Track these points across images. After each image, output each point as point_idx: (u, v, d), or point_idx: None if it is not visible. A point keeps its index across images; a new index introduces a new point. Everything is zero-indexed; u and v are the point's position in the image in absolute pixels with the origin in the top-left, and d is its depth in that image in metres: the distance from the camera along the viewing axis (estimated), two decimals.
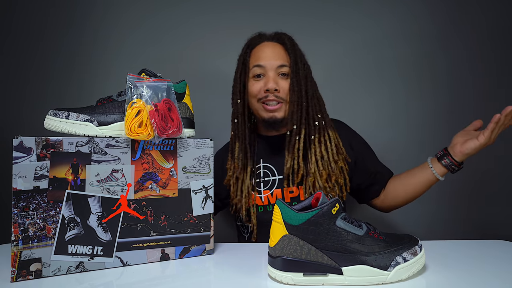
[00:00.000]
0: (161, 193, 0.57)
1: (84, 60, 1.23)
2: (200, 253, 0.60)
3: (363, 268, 0.47)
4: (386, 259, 0.47)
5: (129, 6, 1.24)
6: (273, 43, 0.84)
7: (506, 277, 0.48)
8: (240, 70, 0.85)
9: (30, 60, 1.21)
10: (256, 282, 0.48)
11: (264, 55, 0.82)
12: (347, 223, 0.48)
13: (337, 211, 0.47)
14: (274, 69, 0.81)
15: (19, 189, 0.48)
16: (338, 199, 0.48)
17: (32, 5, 1.21)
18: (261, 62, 0.81)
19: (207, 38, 1.26)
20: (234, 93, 0.86)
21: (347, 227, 0.48)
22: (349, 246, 0.47)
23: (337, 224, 0.47)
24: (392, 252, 0.48)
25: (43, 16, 1.21)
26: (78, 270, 0.51)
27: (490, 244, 0.65)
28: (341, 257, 0.47)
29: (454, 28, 1.28)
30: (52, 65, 1.22)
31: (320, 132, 0.80)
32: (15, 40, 1.21)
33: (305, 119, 0.80)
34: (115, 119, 0.56)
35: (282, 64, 0.81)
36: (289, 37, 0.85)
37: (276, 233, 0.48)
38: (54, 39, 1.22)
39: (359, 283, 0.47)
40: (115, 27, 1.24)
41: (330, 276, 0.47)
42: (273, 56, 0.81)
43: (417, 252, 0.49)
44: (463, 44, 1.28)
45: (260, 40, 0.86)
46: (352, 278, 0.47)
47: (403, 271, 0.47)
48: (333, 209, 0.47)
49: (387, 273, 0.47)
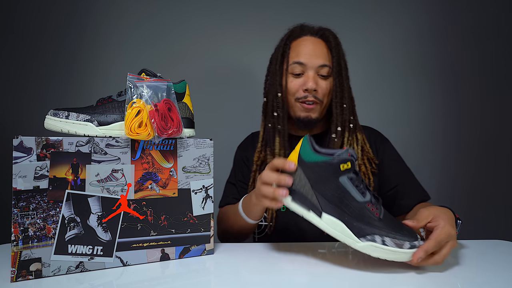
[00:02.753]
0: (161, 193, 0.57)
1: (84, 60, 1.23)
2: (200, 253, 0.60)
3: (339, 224, 0.48)
4: (365, 231, 0.48)
5: (129, 7, 1.24)
6: (315, 39, 0.80)
7: (506, 277, 0.48)
8: (278, 61, 0.80)
9: (30, 60, 1.21)
10: (256, 282, 0.47)
11: (305, 51, 0.78)
12: (352, 185, 0.49)
13: (347, 169, 0.49)
14: (315, 68, 0.77)
15: (19, 189, 0.48)
16: (353, 159, 0.49)
17: (32, 5, 1.21)
18: (301, 60, 0.77)
19: (207, 38, 1.26)
20: (273, 85, 0.81)
21: (348, 188, 0.49)
22: (341, 203, 0.49)
23: (340, 180, 0.49)
24: (376, 230, 0.48)
25: (43, 16, 1.21)
26: (78, 270, 0.51)
27: (490, 244, 0.65)
28: (328, 206, 0.49)
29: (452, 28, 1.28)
30: (52, 65, 1.22)
31: (350, 133, 0.79)
32: (15, 40, 1.21)
33: (347, 121, 0.78)
34: (115, 119, 0.56)
35: (324, 64, 0.77)
36: (334, 34, 0.81)
37: (290, 159, 0.53)
38: (54, 39, 1.22)
39: (331, 233, 0.50)
40: (115, 27, 1.24)
41: (311, 213, 0.51)
42: (314, 54, 0.77)
43: (402, 246, 0.47)
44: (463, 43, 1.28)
45: (302, 33, 0.81)
46: (326, 226, 0.50)
47: (375, 250, 0.47)
48: (342, 165, 0.48)
49: (358, 241, 0.48)
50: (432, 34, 1.26)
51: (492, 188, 1.26)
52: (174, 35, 1.25)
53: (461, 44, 1.26)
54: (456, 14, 1.26)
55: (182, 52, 1.25)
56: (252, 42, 1.26)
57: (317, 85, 0.77)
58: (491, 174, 1.26)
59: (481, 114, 1.27)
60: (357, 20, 1.25)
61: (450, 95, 1.27)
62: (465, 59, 1.27)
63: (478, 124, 1.26)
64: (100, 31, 1.23)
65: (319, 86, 0.77)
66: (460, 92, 1.27)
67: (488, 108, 1.27)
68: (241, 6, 1.26)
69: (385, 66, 1.26)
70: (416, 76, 1.27)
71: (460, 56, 1.27)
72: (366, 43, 1.25)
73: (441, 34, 1.26)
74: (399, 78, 1.26)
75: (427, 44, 1.26)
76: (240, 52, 1.26)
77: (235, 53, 1.27)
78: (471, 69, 1.27)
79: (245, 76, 1.27)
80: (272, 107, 0.80)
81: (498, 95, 1.27)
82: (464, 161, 1.27)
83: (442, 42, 1.26)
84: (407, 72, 1.26)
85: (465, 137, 1.27)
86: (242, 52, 1.26)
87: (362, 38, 1.25)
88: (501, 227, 1.25)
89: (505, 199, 1.25)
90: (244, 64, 1.26)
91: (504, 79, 1.27)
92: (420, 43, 1.26)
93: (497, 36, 1.26)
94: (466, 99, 1.27)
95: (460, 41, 1.26)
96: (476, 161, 1.26)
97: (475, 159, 1.27)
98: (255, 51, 1.26)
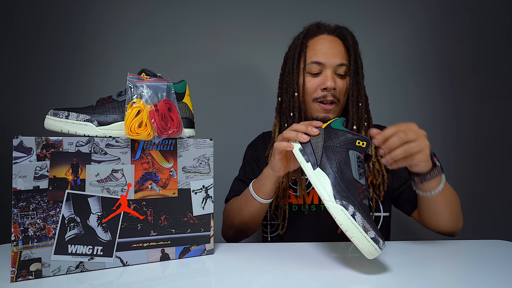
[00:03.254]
0: (161, 193, 0.57)
1: (84, 60, 1.23)
2: (200, 253, 0.60)
3: (326, 180, 0.52)
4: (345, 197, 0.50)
5: (129, 6, 1.24)
6: (333, 38, 0.79)
7: (506, 277, 0.48)
8: (296, 61, 0.79)
9: (30, 60, 1.21)
10: (256, 282, 0.47)
11: (323, 50, 0.77)
12: (356, 162, 0.52)
13: (360, 147, 0.53)
14: (333, 67, 0.76)
15: (19, 189, 0.48)
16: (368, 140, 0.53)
17: (32, 5, 1.21)
18: (319, 59, 0.76)
19: (207, 38, 1.26)
20: (289, 84, 0.79)
21: (352, 163, 0.52)
22: (338, 169, 0.52)
23: (350, 152, 0.53)
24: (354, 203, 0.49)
25: (43, 16, 1.21)
26: (78, 270, 0.51)
27: (490, 244, 0.65)
28: (327, 165, 0.53)
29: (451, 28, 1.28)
30: (52, 65, 1.22)
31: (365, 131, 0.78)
32: (15, 39, 1.21)
33: (363, 119, 0.78)
34: (115, 119, 0.56)
35: (341, 63, 0.77)
36: (351, 33, 0.80)
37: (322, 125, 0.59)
38: (54, 39, 1.22)
39: (314, 184, 0.52)
40: (115, 27, 1.24)
41: (309, 164, 0.54)
42: (332, 53, 0.77)
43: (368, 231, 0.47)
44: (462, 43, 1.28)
45: (319, 32, 0.80)
46: (315, 177, 0.53)
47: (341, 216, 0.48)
48: (358, 141, 0.53)
49: (332, 200, 0.50)
50: (431, 34, 1.26)
51: (492, 188, 1.26)
52: (174, 35, 1.25)
53: (461, 44, 1.27)
54: (455, 14, 1.26)
55: (182, 52, 1.25)
56: (252, 42, 1.26)
57: (335, 84, 0.76)
58: (491, 173, 1.26)
59: (482, 114, 1.27)
60: (356, 20, 1.25)
61: (449, 95, 1.27)
62: (465, 59, 1.27)
63: (479, 124, 1.26)
64: (99, 30, 1.23)
65: (337, 85, 0.77)
66: (459, 92, 1.27)
67: (488, 108, 1.27)
68: (241, 6, 1.26)
69: (384, 66, 1.26)
70: (416, 76, 1.27)
71: (460, 56, 1.27)
72: (365, 43, 1.25)
73: (441, 34, 1.26)
74: (398, 78, 1.26)
75: (426, 44, 1.26)
76: (240, 52, 1.26)
77: (235, 53, 1.27)
78: (471, 69, 1.27)
79: (245, 76, 1.27)
80: (289, 107, 0.79)
81: (500, 96, 1.27)
82: (464, 161, 1.27)
83: (441, 42, 1.26)
84: (406, 72, 1.26)
85: (464, 137, 1.27)
86: (242, 52, 1.26)
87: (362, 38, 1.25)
88: (501, 227, 1.25)
89: (505, 199, 1.26)
90: (244, 64, 1.27)
91: (504, 79, 1.27)
92: (419, 43, 1.26)
93: (497, 36, 1.26)
94: (465, 99, 1.27)
95: (460, 41, 1.26)
96: (475, 161, 1.26)
97: (474, 159, 1.27)
98: (255, 51, 1.26)
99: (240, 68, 1.27)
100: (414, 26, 1.26)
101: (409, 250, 0.62)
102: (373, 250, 0.47)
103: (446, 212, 0.68)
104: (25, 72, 1.21)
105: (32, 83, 1.21)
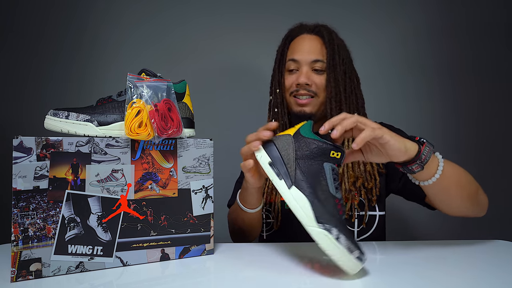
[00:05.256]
0: (161, 193, 0.57)
1: (84, 60, 1.23)
2: (200, 253, 0.60)
3: (304, 201, 0.48)
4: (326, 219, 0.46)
5: (129, 7, 1.24)
6: (311, 36, 0.83)
7: (506, 277, 0.48)
8: (278, 61, 0.85)
9: (30, 60, 1.21)
10: (256, 282, 0.48)
11: (300, 48, 0.81)
12: (331, 178, 0.49)
13: (335, 158, 0.49)
14: (308, 63, 0.80)
15: (19, 189, 0.48)
16: (343, 150, 0.50)
17: (32, 5, 1.21)
18: (295, 57, 0.81)
19: (207, 39, 1.26)
20: (273, 83, 0.86)
21: (328, 176, 0.49)
22: (315, 185, 0.49)
23: (324, 166, 0.49)
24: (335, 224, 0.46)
25: (43, 15, 1.21)
26: (78, 270, 0.51)
27: (490, 244, 0.65)
28: (302, 182, 0.49)
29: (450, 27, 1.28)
30: (52, 65, 1.22)
31: None
32: (14, 39, 1.21)
33: None
34: (115, 119, 0.56)
35: (316, 59, 0.80)
36: (329, 30, 0.83)
37: (289, 131, 0.54)
38: (54, 39, 1.22)
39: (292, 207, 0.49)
40: (115, 27, 1.24)
41: (282, 181, 0.50)
42: (308, 50, 0.80)
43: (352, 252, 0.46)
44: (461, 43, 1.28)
45: (300, 32, 0.84)
46: (291, 198, 0.49)
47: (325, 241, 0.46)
48: (333, 152, 0.49)
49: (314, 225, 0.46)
50: (430, 33, 1.26)
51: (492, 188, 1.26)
52: (174, 35, 1.25)
53: (459, 43, 1.27)
54: (454, 14, 1.26)
55: (182, 52, 1.25)
56: (252, 43, 1.26)
57: (310, 80, 0.79)
58: (491, 173, 1.26)
59: (482, 113, 1.27)
60: (356, 20, 1.25)
61: (448, 95, 1.27)
62: (464, 58, 1.27)
63: (479, 123, 1.26)
64: (100, 30, 1.23)
65: (312, 80, 0.79)
66: (458, 92, 1.27)
67: (488, 107, 1.27)
68: (240, 7, 1.26)
69: (383, 65, 1.26)
70: (414, 75, 1.27)
71: (459, 55, 1.27)
72: (364, 43, 1.25)
73: (439, 34, 1.26)
74: (397, 78, 1.26)
75: (425, 43, 1.26)
76: (240, 53, 1.26)
77: (235, 54, 1.27)
78: (470, 68, 1.27)
79: (245, 76, 1.27)
80: (275, 103, 0.84)
81: (500, 94, 1.27)
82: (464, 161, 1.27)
83: (440, 42, 1.26)
84: (405, 71, 1.26)
85: (464, 136, 1.27)
86: (242, 52, 1.26)
87: (361, 38, 1.25)
88: (501, 227, 1.25)
89: (505, 199, 1.25)
90: (244, 64, 1.27)
91: (503, 78, 1.27)
92: (417, 42, 1.26)
93: (495, 35, 1.26)
94: (465, 98, 1.27)
95: (458, 40, 1.26)
96: (475, 161, 1.26)
97: (474, 159, 1.27)
98: (255, 52, 1.26)
99: (240, 68, 1.27)
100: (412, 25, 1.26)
101: (407, 250, 0.62)
102: (357, 268, 0.46)
103: (457, 195, 0.61)
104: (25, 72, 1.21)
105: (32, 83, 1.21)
